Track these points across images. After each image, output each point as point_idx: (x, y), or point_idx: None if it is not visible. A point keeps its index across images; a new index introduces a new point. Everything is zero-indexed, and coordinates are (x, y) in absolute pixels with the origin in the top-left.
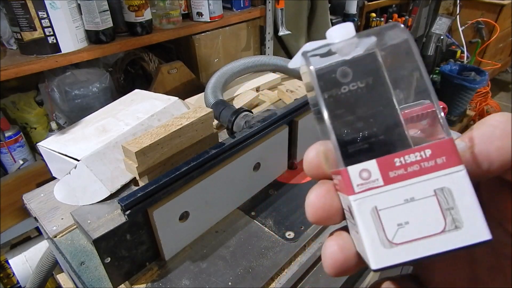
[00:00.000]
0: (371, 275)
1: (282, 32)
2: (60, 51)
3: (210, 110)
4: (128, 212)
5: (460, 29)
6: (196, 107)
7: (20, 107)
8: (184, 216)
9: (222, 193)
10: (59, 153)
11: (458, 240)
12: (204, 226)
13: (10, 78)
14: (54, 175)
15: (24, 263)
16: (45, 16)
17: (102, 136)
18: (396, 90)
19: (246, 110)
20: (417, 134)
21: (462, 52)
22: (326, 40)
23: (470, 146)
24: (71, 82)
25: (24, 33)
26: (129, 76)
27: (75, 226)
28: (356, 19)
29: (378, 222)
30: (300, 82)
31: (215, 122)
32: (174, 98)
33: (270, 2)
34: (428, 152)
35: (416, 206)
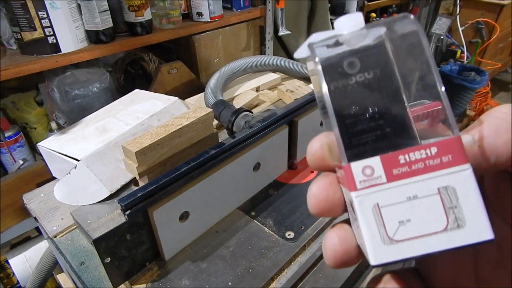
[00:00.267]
0: (372, 275)
1: (282, 32)
2: (60, 51)
3: (210, 110)
4: (128, 212)
5: (460, 29)
6: (196, 107)
7: (20, 107)
8: (184, 216)
9: (222, 193)
10: (59, 153)
11: (460, 238)
12: (204, 226)
13: (10, 78)
14: (54, 175)
15: (24, 263)
16: (45, 16)
17: (102, 136)
18: (404, 83)
19: (246, 110)
20: (423, 130)
21: (462, 52)
22: (333, 31)
23: (477, 139)
24: (71, 82)
25: (24, 33)
26: (129, 76)
27: (75, 226)
28: None
29: (379, 219)
30: (300, 82)
31: (215, 122)
32: (174, 98)
33: (270, 2)
34: (434, 150)
35: (418, 204)
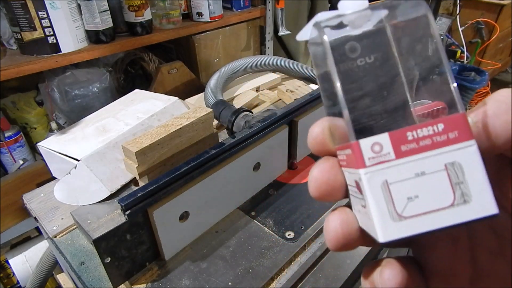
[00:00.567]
0: None
1: (282, 32)
2: (60, 51)
3: (210, 110)
4: (128, 212)
5: (460, 29)
6: (196, 107)
7: (20, 107)
8: (184, 216)
9: (222, 193)
10: (59, 153)
11: (466, 214)
12: (204, 226)
13: (10, 78)
14: (54, 175)
15: (24, 263)
16: (45, 16)
17: (102, 136)
18: (409, 66)
19: (246, 110)
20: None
21: (462, 52)
22: (337, 11)
23: (476, 121)
24: (71, 82)
25: (24, 33)
26: (129, 76)
27: (75, 226)
28: None
29: (388, 195)
30: (300, 82)
31: (215, 122)
32: (174, 98)
33: (270, 2)
34: (440, 126)
35: (426, 180)
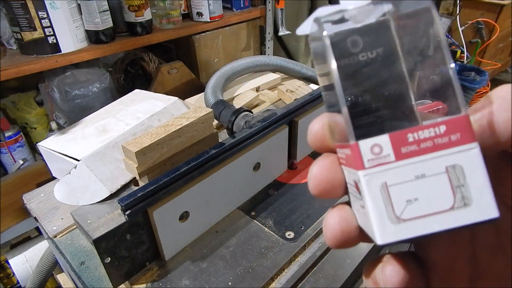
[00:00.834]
0: None
1: (282, 32)
2: (60, 51)
3: (210, 110)
4: (128, 212)
5: (460, 29)
6: (196, 107)
7: (20, 107)
8: (184, 216)
9: (222, 193)
10: (59, 153)
11: (466, 217)
12: (204, 226)
13: (10, 78)
14: (54, 175)
15: (24, 263)
16: (45, 16)
17: (102, 136)
18: (412, 62)
19: (246, 110)
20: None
21: (462, 52)
22: (339, 5)
23: (477, 119)
24: (71, 82)
25: (24, 33)
26: (129, 76)
27: (75, 226)
28: None
29: (387, 198)
30: (300, 82)
31: (215, 122)
32: (174, 98)
33: (270, 2)
34: (442, 128)
35: (426, 183)
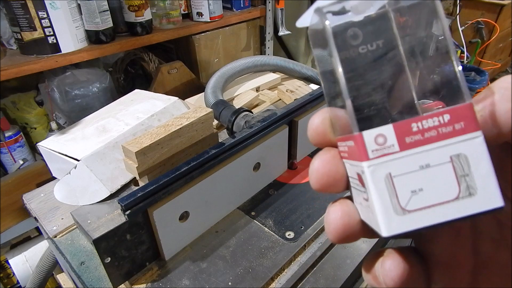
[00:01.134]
0: None
1: (282, 32)
2: (60, 51)
3: (210, 110)
4: (128, 212)
5: (460, 29)
6: (196, 107)
7: (20, 107)
8: (184, 216)
9: (222, 193)
10: (59, 153)
11: (471, 207)
12: (204, 226)
13: (10, 78)
14: (54, 175)
15: (24, 263)
16: (45, 16)
17: (102, 136)
18: (413, 54)
19: (246, 110)
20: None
21: (462, 52)
22: None
23: (481, 109)
24: (71, 82)
25: (24, 33)
26: (129, 76)
27: (75, 226)
28: None
29: (392, 189)
30: (300, 82)
31: (215, 122)
32: (174, 98)
33: (270, 2)
34: (446, 117)
35: (431, 173)
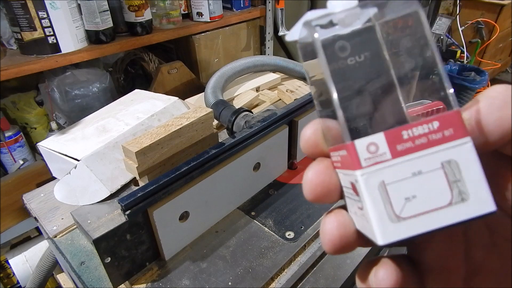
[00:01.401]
0: None
1: (282, 32)
2: (60, 51)
3: (210, 110)
4: (128, 212)
5: (460, 29)
6: (196, 107)
7: (20, 107)
8: (184, 216)
9: (222, 193)
10: (59, 153)
11: (465, 212)
12: (204, 226)
13: (10, 78)
14: (54, 175)
15: (24, 263)
16: (45, 16)
17: (102, 136)
18: (400, 64)
19: (246, 110)
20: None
21: (462, 52)
22: (326, 9)
23: (468, 118)
24: (71, 82)
25: (24, 33)
26: (129, 76)
27: (75, 226)
28: None
29: (386, 196)
30: (300, 82)
31: (215, 122)
32: (174, 98)
33: (270, 2)
34: (436, 124)
35: (423, 179)
